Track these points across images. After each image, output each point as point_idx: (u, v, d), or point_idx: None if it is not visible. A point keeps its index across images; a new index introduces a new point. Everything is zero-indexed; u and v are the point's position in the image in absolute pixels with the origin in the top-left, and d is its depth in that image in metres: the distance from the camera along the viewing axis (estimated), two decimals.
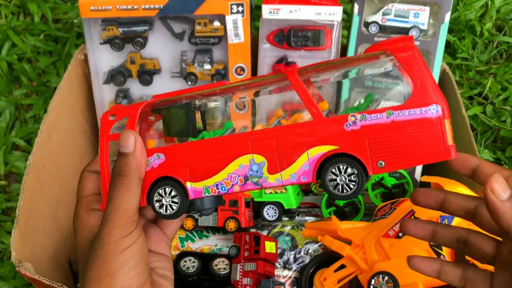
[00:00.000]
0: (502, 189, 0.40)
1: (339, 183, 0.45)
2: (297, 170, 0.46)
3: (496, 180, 0.41)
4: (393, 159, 0.44)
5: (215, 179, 0.48)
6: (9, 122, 1.23)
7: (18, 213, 0.77)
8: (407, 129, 0.44)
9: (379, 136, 0.44)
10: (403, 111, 0.44)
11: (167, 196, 0.49)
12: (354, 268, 0.83)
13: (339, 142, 0.45)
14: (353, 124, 0.45)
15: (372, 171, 0.44)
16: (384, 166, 0.44)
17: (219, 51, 1.01)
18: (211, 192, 0.48)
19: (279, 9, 0.95)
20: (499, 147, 1.20)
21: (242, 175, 0.47)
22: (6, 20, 1.31)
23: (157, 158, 0.50)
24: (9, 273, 1.05)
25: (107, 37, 0.97)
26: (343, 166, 0.45)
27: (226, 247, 0.91)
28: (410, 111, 0.44)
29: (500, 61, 1.30)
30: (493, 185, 0.40)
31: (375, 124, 0.44)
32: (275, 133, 0.46)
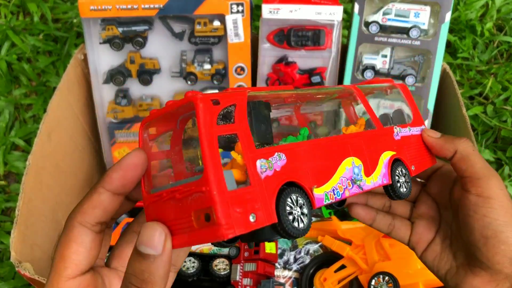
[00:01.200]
0: (434, 133, 0.57)
1: (401, 183, 0.52)
2: (381, 172, 0.49)
3: (426, 130, 0.57)
4: (417, 165, 0.55)
5: (331, 183, 0.42)
6: (8, 122, 1.22)
7: (18, 213, 0.76)
8: (418, 141, 0.57)
9: (408, 145, 0.55)
10: (414, 127, 0.57)
11: (296, 206, 0.38)
12: (354, 269, 0.83)
13: (395, 148, 0.53)
14: (397, 135, 0.54)
15: (412, 173, 0.54)
16: (415, 170, 0.54)
17: (219, 50, 1.00)
18: (330, 199, 0.41)
19: (279, 9, 0.95)
20: (500, 147, 1.20)
21: (349, 178, 0.44)
22: (6, 20, 1.31)
23: (279, 158, 0.39)
24: (9, 273, 1.05)
25: (106, 37, 0.97)
26: (402, 168, 0.52)
27: None
28: (417, 128, 0.58)
29: (501, 61, 1.30)
30: (428, 132, 0.57)
31: (406, 136, 0.55)
32: (363, 137, 0.49)
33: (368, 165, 0.47)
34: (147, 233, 0.35)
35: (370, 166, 0.48)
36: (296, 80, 0.98)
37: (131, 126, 1.04)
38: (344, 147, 0.46)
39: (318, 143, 0.43)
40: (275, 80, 0.99)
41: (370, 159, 0.48)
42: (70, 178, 0.98)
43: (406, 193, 0.52)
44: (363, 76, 0.97)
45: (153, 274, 0.34)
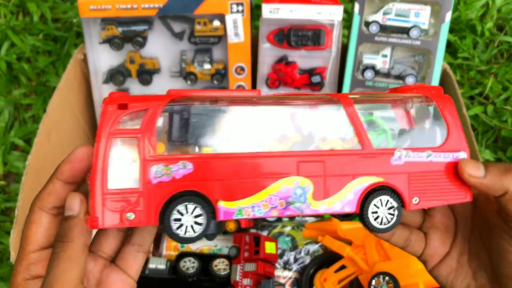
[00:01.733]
0: (476, 168, 0.46)
1: (380, 215, 0.46)
2: (343, 199, 0.44)
3: (466, 164, 0.46)
4: (425, 198, 0.46)
5: (252, 200, 0.42)
6: (8, 122, 1.22)
7: (17, 213, 0.76)
8: (439, 171, 0.47)
9: (417, 173, 0.46)
10: (440, 153, 0.47)
11: (188, 214, 0.41)
12: (354, 269, 0.82)
13: (384, 175, 0.46)
14: (399, 159, 0.46)
15: (409, 206, 0.46)
16: (418, 203, 0.46)
17: (219, 50, 1.00)
18: (244, 215, 0.42)
19: (279, 9, 0.95)
20: (500, 147, 1.20)
21: (284, 198, 0.43)
22: (5, 20, 1.31)
23: (183, 167, 0.41)
24: (8, 274, 1.05)
25: (106, 37, 0.97)
26: (385, 199, 0.45)
27: (226, 247, 0.91)
28: (446, 154, 0.47)
29: (501, 60, 1.30)
30: (467, 171, 0.46)
31: (416, 162, 0.46)
32: (325, 157, 0.44)
33: (322, 189, 0.44)
34: (70, 200, 0.43)
35: (326, 189, 0.44)
36: (296, 80, 0.98)
37: None
38: (288, 165, 0.43)
39: (247, 156, 0.42)
40: (275, 80, 0.99)
41: (330, 182, 0.44)
42: None
43: (383, 228, 0.46)
44: (363, 76, 0.96)
45: (72, 229, 0.42)
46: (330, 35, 0.96)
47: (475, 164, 0.46)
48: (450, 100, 0.49)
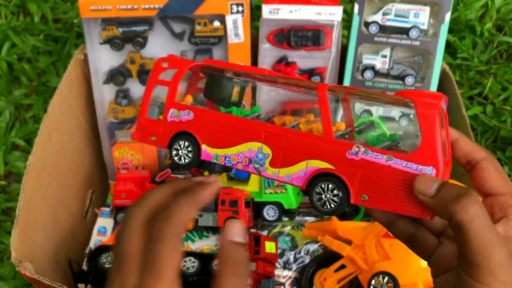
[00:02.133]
0: (427, 186, 0.43)
1: (323, 198, 0.48)
2: (293, 173, 0.50)
3: (418, 180, 0.44)
4: (376, 198, 0.46)
5: (225, 151, 0.52)
6: (9, 122, 1.23)
7: (18, 213, 0.77)
8: (398, 178, 0.45)
9: (372, 173, 0.46)
10: (402, 161, 0.45)
11: (184, 148, 0.53)
12: (354, 268, 0.83)
13: (337, 164, 0.48)
14: (355, 154, 0.47)
15: (355, 200, 0.47)
16: (366, 201, 0.47)
17: (219, 51, 1.00)
18: (219, 161, 0.53)
19: (279, 9, 0.95)
20: (499, 147, 1.20)
21: (248, 157, 0.51)
22: (6, 20, 1.31)
23: (187, 114, 0.54)
24: (9, 273, 1.05)
25: (107, 37, 0.97)
26: (332, 185, 0.48)
27: None
28: (408, 164, 0.45)
29: (500, 61, 1.30)
30: (417, 187, 0.44)
31: (372, 161, 0.46)
32: (287, 134, 0.50)
33: (278, 159, 0.50)
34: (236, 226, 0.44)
35: (281, 161, 0.50)
36: None
37: (131, 126, 1.04)
38: (257, 132, 0.51)
39: (231, 118, 0.53)
40: None
41: (286, 155, 0.50)
42: (70, 178, 0.98)
43: (324, 211, 0.48)
44: (362, 76, 0.97)
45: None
46: (329, 36, 0.96)
47: (429, 182, 0.43)
48: (434, 110, 0.45)
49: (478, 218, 0.41)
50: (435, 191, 0.43)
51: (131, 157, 1.06)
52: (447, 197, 0.42)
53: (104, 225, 1.00)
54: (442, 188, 0.43)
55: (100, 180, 1.10)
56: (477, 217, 0.41)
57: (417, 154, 0.45)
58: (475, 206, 0.41)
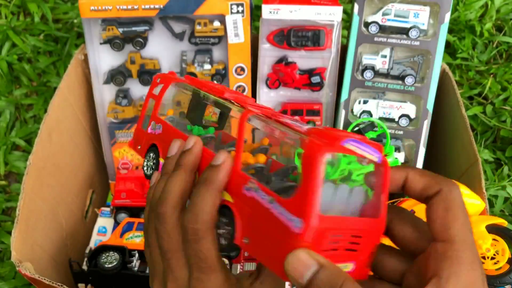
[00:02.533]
0: (300, 271, 0.35)
1: (219, 232, 0.43)
2: None
3: (290, 260, 0.35)
4: (255, 245, 0.40)
5: None
6: (9, 122, 1.23)
7: (18, 213, 0.77)
8: (273, 225, 0.38)
9: (256, 215, 0.40)
10: (279, 206, 0.38)
11: (151, 160, 0.55)
12: None
13: (235, 198, 0.42)
14: (247, 190, 0.41)
15: (238, 240, 0.41)
16: (247, 244, 0.40)
17: (219, 51, 1.01)
18: None
19: (279, 9, 0.95)
20: (499, 147, 1.20)
21: None
22: (6, 20, 1.31)
23: (159, 128, 0.55)
24: (9, 273, 1.05)
25: (107, 37, 0.97)
26: (225, 219, 0.43)
27: None
28: (282, 211, 0.37)
29: (500, 61, 1.30)
30: (288, 269, 0.35)
31: (258, 201, 0.40)
32: (207, 157, 0.46)
33: None
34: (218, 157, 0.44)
35: None
36: (296, 80, 0.98)
37: (132, 126, 1.04)
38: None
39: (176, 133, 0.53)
40: (275, 80, 0.99)
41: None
42: (70, 178, 0.98)
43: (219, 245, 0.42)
44: (362, 77, 0.97)
45: (216, 175, 0.44)
46: (329, 36, 0.96)
47: (301, 268, 0.35)
48: (319, 154, 0.36)
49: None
50: (306, 281, 0.35)
51: (131, 157, 1.06)
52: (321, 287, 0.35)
53: (104, 225, 1.00)
54: (317, 276, 0.35)
55: (100, 180, 1.10)
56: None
57: (293, 201, 0.37)
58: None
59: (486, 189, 1.04)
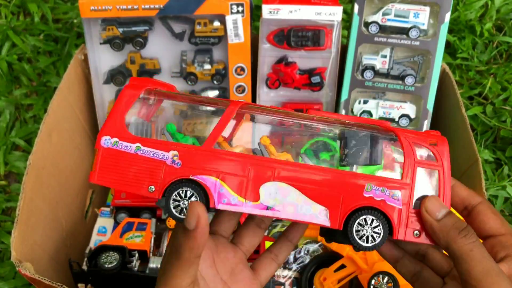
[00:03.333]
0: (436, 209, 0.46)
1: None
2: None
3: (430, 200, 0.47)
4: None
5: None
6: (9, 122, 1.23)
7: (18, 213, 0.77)
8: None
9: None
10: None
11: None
12: (354, 268, 0.83)
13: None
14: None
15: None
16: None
17: (219, 51, 1.01)
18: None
19: (279, 9, 0.95)
20: (499, 147, 1.20)
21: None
22: (6, 20, 1.31)
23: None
24: (9, 273, 1.05)
25: (107, 37, 0.97)
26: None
27: None
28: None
29: (500, 61, 1.30)
30: (428, 206, 0.46)
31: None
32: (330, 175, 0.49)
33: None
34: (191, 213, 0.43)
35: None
36: (296, 80, 0.98)
37: None
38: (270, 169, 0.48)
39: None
40: (275, 80, 0.99)
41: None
42: (70, 178, 0.98)
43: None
44: (362, 77, 0.97)
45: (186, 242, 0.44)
46: (329, 36, 0.96)
47: (438, 205, 0.47)
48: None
49: (477, 248, 0.44)
50: (441, 216, 0.46)
51: None
52: (450, 225, 0.45)
53: (104, 225, 0.99)
54: (447, 215, 0.46)
55: None
56: (476, 247, 0.44)
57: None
58: (474, 238, 0.45)
59: (486, 189, 1.04)
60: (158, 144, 0.47)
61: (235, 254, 0.54)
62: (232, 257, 0.53)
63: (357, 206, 0.48)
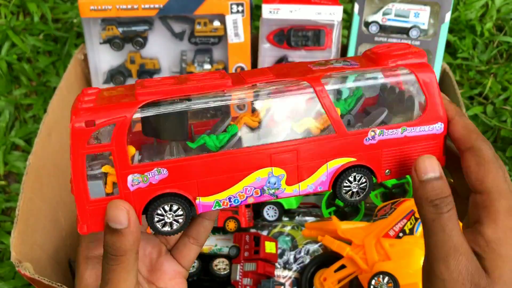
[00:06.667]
0: (423, 171, 0.43)
1: (352, 190, 0.48)
2: (315, 181, 0.47)
3: (423, 160, 0.44)
4: (398, 168, 0.48)
5: (228, 193, 0.45)
6: (8, 122, 1.22)
7: (18, 213, 0.76)
8: (416, 143, 0.48)
9: (392, 149, 0.48)
10: (415, 127, 0.48)
11: (170, 212, 0.45)
12: (354, 268, 0.83)
13: (357, 155, 0.47)
14: (372, 139, 0.47)
15: (381, 178, 0.48)
16: (390, 174, 0.48)
17: (219, 50, 1.00)
18: (222, 205, 0.45)
19: (279, 9, 0.95)
20: (500, 147, 1.20)
21: (259, 188, 0.46)
22: (6, 20, 1.31)
23: (158, 173, 0.43)
24: (9, 273, 1.05)
25: (106, 37, 0.97)
26: (358, 175, 0.47)
27: (226, 247, 0.91)
28: (421, 128, 0.48)
29: (501, 61, 1.30)
30: (418, 165, 0.44)
31: (390, 139, 0.47)
32: (297, 146, 0.45)
33: (295, 175, 0.46)
34: (113, 213, 0.42)
35: (299, 175, 0.46)
36: None
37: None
38: (261, 159, 0.45)
39: (220, 156, 0.44)
40: None
41: (302, 168, 0.46)
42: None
43: (353, 201, 0.48)
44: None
45: (124, 244, 0.42)
46: (330, 36, 0.96)
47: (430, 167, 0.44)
48: (432, 73, 0.49)
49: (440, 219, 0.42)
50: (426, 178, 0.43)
51: None
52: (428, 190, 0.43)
53: None
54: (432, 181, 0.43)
55: None
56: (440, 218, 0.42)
57: (426, 116, 0.47)
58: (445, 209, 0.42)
59: None
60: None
61: (155, 247, 0.51)
62: (152, 251, 0.51)
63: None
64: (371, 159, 0.47)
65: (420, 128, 0.48)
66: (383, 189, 0.96)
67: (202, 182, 0.44)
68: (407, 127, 0.47)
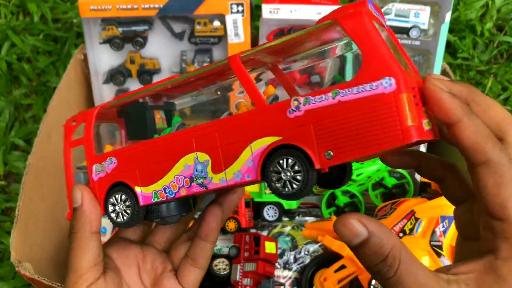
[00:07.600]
0: (347, 238, 0.37)
1: (283, 179, 0.38)
2: (241, 167, 0.40)
3: (344, 224, 0.37)
4: (343, 148, 0.36)
5: (162, 183, 0.43)
6: (8, 122, 1.22)
7: (18, 213, 0.76)
8: (357, 110, 0.35)
9: (325, 121, 0.36)
10: (350, 88, 0.36)
11: (120, 202, 0.45)
12: (354, 269, 0.83)
13: (282, 132, 0.38)
14: (297, 110, 0.37)
15: (320, 163, 0.37)
16: (333, 157, 0.36)
17: (219, 50, 1.00)
18: (160, 197, 0.43)
19: (279, 9, 0.95)
20: None
21: (188, 176, 0.42)
22: (6, 20, 1.31)
23: (110, 162, 0.46)
24: (9, 273, 1.05)
25: (106, 37, 0.97)
26: (289, 159, 0.38)
27: (226, 247, 0.91)
28: (359, 88, 0.35)
29: (501, 61, 1.30)
30: (434, 75, 0.36)
31: (320, 107, 0.37)
32: (217, 127, 0.40)
33: (220, 160, 0.40)
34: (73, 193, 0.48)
35: (224, 161, 0.40)
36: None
37: None
38: (185, 142, 0.41)
39: (152, 143, 0.44)
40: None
41: (225, 152, 0.40)
42: None
43: (290, 192, 0.38)
44: None
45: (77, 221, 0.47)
46: None
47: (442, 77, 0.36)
48: (361, 17, 0.37)
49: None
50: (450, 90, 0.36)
51: None
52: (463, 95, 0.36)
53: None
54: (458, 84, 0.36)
55: None
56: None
57: (363, 72, 0.35)
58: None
59: None
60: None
61: (162, 264, 0.53)
62: (159, 266, 0.52)
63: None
64: (300, 136, 0.37)
65: (358, 89, 0.35)
66: (383, 189, 0.96)
67: (141, 171, 0.44)
68: (340, 89, 0.36)
